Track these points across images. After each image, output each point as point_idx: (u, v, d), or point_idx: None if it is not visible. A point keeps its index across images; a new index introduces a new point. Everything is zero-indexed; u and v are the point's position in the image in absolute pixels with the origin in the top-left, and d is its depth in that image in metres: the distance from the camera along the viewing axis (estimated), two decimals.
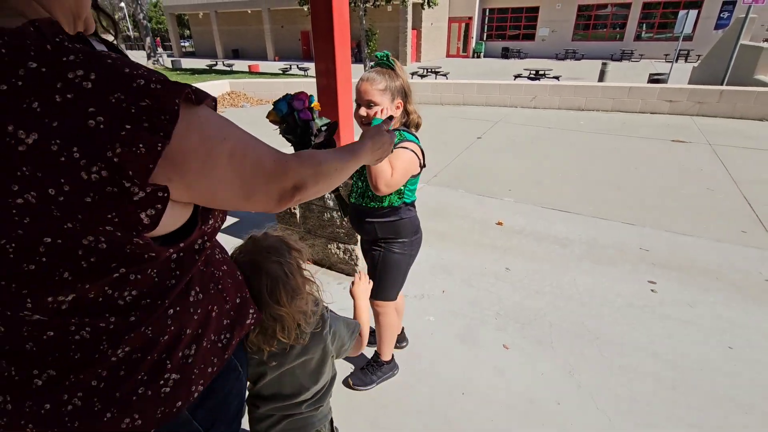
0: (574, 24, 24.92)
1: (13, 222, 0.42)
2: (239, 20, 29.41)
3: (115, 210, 0.44)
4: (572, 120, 7.30)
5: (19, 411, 0.55)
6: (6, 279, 0.45)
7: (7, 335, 0.52)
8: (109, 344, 0.55)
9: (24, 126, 0.40)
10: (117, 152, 0.42)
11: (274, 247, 0.97)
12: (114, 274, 0.49)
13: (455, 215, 3.60)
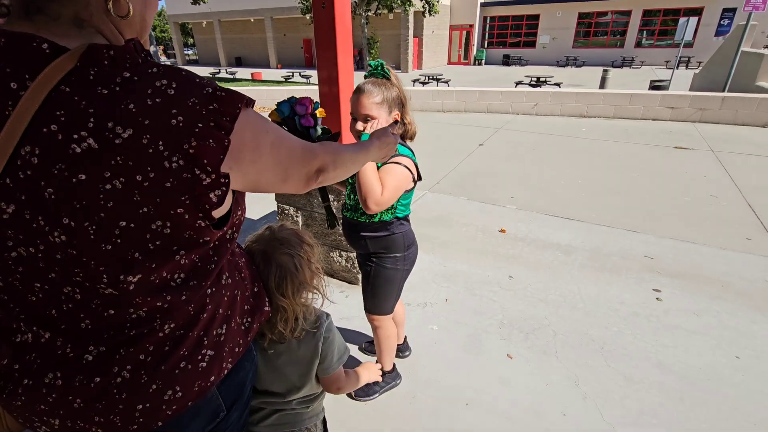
0: (575, 31, 25.05)
1: (98, 206, 0.50)
2: (242, 29, 29.69)
3: (188, 193, 0.54)
4: (574, 127, 7.31)
5: (68, 386, 0.60)
6: (87, 257, 0.53)
7: (69, 313, 0.58)
8: (161, 321, 0.62)
9: (122, 123, 0.49)
10: (192, 145, 0.52)
11: (287, 240, 1.00)
12: (175, 256, 0.58)
13: (458, 223, 3.59)
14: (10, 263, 0.55)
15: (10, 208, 0.50)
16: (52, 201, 0.49)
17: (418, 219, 3.63)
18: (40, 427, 0.65)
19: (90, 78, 0.50)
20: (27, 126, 0.48)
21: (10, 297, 0.58)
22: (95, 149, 0.48)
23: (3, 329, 0.61)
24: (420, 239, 3.21)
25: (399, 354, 2.02)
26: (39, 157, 0.48)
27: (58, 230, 0.51)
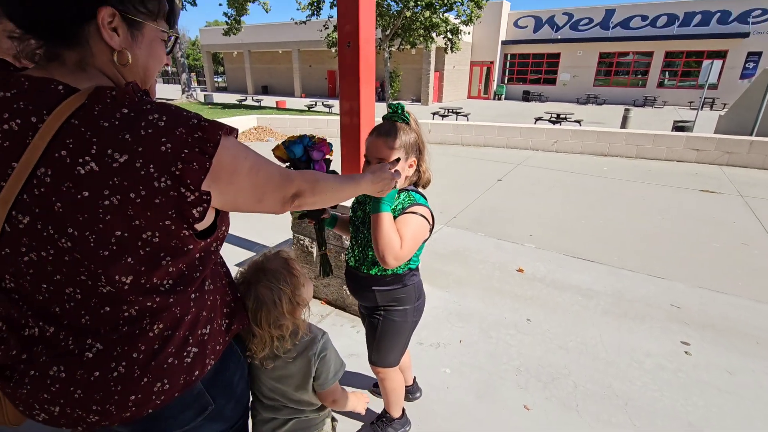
0: (596, 70, 25.29)
1: (97, 218, 0.60)
2: (270, 59, 31.04)
3: (174, 208, 0.63)
4: (595, 165, 7.23)
5: (70, 378, 0.69)
6: (88, 261, 0.63)
7: (71, 310, 0.67)
8: (150, 321, 0.70)
9: (119, 150, 0.58)
10: (179, 168, 0.61)
11: (274, 272, 1.03)
12: (162, 262, 0.67)
13: (474, 259, 3.51)
14: (22, 266, 0.64)
15: (25, 219, 0.60)
16: (60, 214, 0.59)
17: (433, 254, 3.58)
18: (39, 414, 0.72)
19: (95, 113, 0.60)
20: (42, 152, 0.58)
21: (20, 296, 0.67)
22: (96, 171, 0.58)
23: (13, 324, 0.69)
24: (434, 275, 3.17)
25: (409, 396, 1.93)
26: (51, 177, 0.59)
27: (65, 238, 0.61)
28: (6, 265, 0.64)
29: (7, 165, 0.59)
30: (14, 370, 0.70)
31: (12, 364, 0.70)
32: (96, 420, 0.72)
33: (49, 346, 0.68)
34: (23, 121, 0.59)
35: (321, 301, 2.75)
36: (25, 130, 0.59)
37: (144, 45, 0.71)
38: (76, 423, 0.72)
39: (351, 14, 2.28)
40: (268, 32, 27.88)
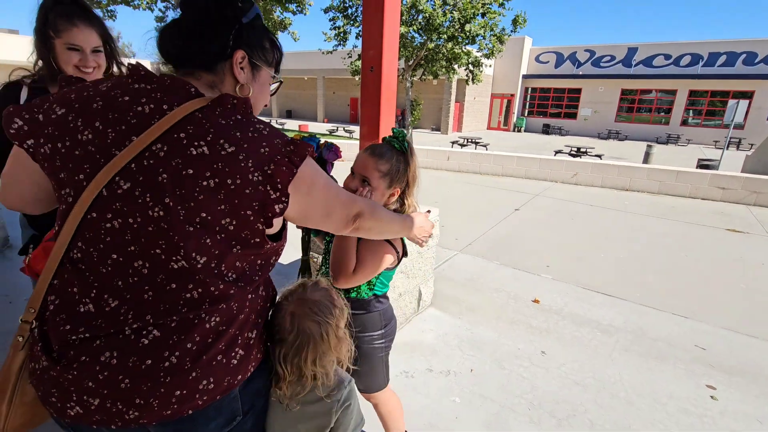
0: (618, 106, 25.26)
1: (192, 196, 0.66)
2: (296, 85, 32.12)
3: (258, 201, 0.70)
4: (616, 199, 7.11)
5: (121, 365, 0.68)
6: (173, 232, 0.67)
7: (134, 284, 0.69)
8: (208, 309, 0.72)
9: (229, 142, 0.68)
10: (271, 168, 0.70)
11: (319, 304, 0.95)
12: (233, 250, 0.72)
13: (489, 288, 3.45)
14: (101, 233, 0.68)
15: (126, 185, 0.67)
16: (162, 185, 0.66)
17: (446, 280, 3.53)
18: (72, 408, 0.69)
19: (216, 112, 0.71)
20: (164, 132, 0.67)
21: (87, 266, 0.70)
22: (206, 154, 0.67)
23: (69, 300, 0.70)
24: (447, 301, 3.11)
25: None
26: (165, 152, 0.67)
27: (159, 207, 0.67)
28: (86, 230, 0.69)
29: (127, 137, 0.67)
30: (65, 351, 0.70)
31: (62, 345, 0.69)
32: (134, 417, 0.69)
33: (108, 323, 0.68)
34: (155, 107, 0.69)
35: None
36: (154, 113, 0.69)
37: (258, 84, 0.85)
38: (111, 420, 0.69)
39: (375, 39, 2.37)
40: (295, 60, 28.98)
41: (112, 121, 0.68)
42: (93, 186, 0.67)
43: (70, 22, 1.36)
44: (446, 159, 9.40)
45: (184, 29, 0.76)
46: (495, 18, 13.30)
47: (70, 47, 1.37)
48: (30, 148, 0.72)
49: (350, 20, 14.66)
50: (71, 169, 0.69)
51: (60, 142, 0.69)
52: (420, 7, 12.21)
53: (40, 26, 1.36)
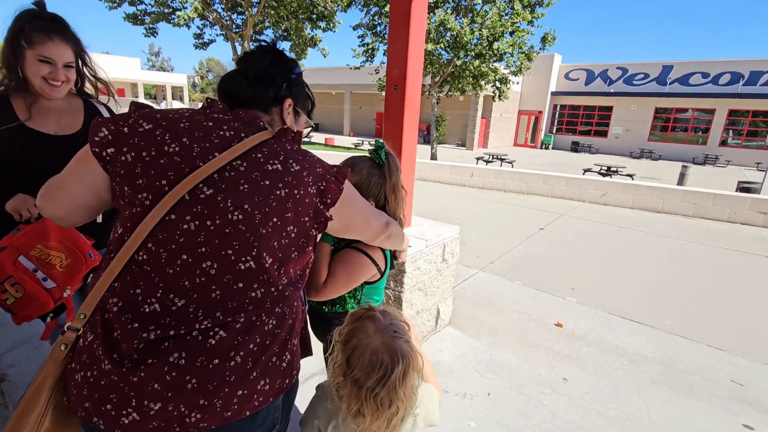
0: (651, 125, 24.52)
1: (267, 202, 0.79)
2: (323, 99, 32.85)
3: (313, 210, 0.86)
4: (647, 221, 6.85)
5: (190, 366, 0.72)
6: (249, 233, 0.77)
7: (201, 285, 0.74)
8: (267, 310, 0.80)
9: (296, 161, 0.84)
10: (323, 185, 0.87)
11: (396, 325, 0.93)
12: (292, 254, 0.84)
13: (509, 309, 3.36)
14: (177, 233, 0.75)
15: (209, 191, 0.76)
16: (242, 192, 0.77)
17: (466, 298, 3.47)
18: (128, 415, 0.69)
19: (283, 141, 0.88)
20: (243, 152, 0.80)
21: (152, 267, 0.74)
22: (279, 170, 0.82)
23: (134, 300, 0.73)
24: (466, 320, 3.05)
25: None
26: (245, 167, 0.79)
27: (238, 211, 0.77)
28: (159, 231, 0.74)
29: (211, 153, 0.78)
30: (131, 353, 0.71)
31: (129, 347, 0.71)
32: (194, 420, 0.71)
33: (177, 321, 0.72)
34: (234, 133, 0.83)
35: None
36: (234, 138, 0.82)
37: (298, 127, 1.02)
38: (168, 426, 0.70)
39: (400, 59, 2.40)
40: (324, 75, 29.72)
41: (197, 138, 0.79)
42: (177, 190, 0.74)
43: (47, 35, 1.38)
44: (470, 176, 9.33)
45: (249, 78, 0.92)
46: (523, 36, 13.26)
47: (42, 59, 1.38)
48: (108, 155, 0.77)
49: (378, 37, 14.94)
50: (152, 175, 0.75)
51: (144, 152, 0.76)
52: (448, 25, 12.32)
53: (12, 36, 1.37)
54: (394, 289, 2.42)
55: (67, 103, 1.55)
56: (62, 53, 1.42)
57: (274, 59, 0.94)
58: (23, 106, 1.45)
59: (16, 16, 1.37)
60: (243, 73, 0.93)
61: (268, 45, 0.96)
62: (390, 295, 2.44)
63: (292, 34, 17.45)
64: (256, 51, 0.95)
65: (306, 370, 2.22)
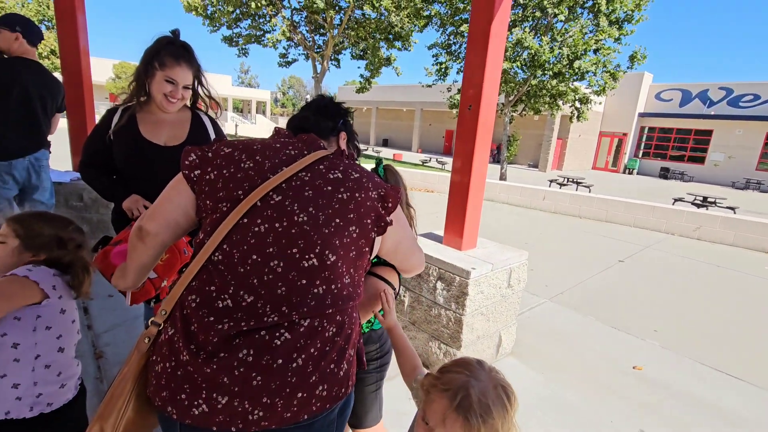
0: (761, 152, 21.60)
1: (330, 204, 0.87)
2: (394, 116, 33.61)
3: (374, 213, 0.92)
4: (752, 262, 5.98)
5: (256, 363, 0.77)
6: (313, 232, 0.84)
7: (268, 282, 0.81)
8: (330, 312, 0.85)
9: (354, 170, 0.94)
10: (382, 191, 0.94)
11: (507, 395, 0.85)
12: (351, 254, 0.89)
13: (579, 345, 3.11)
14: (248, 235, 0.83)
15: (278, 198, 0.86)
16: (307, 197, 0.86)
17: (531, 328, 3.27)
18: (199, 406, 0.75)
19: (340, 157, 0.97)
20: (307, 165, 0.90)
21: (225, 266, 0.82)
22: (340, 177, 0.91)
23: (206, 297, 0.80)
24: (530, 352, 2.88)
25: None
26: (309, 177, 0.89)
27: (304, 214, 0.84)
28: (234, 233, 0.83)
29: (279, 167, 0.89)
30: (206, 346, 0.77)
31: (205, 339, 0.77)
32: (257, 418, 0.75)
33: (247, 315, 0.78)
34: (298, 151, 0.94)
35: None
36: (298, 155, 0.93)
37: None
38: (233, 421, 0.74)
39: (476, 80, 2.38)
40: (396, 92, 30.44)
41: (268, 156, 0.91)
42: (251, 197, 0.84)
43: (176, 60, 1.61)
44: (542, 198, 8.89)
45: (312, 110, 1.13)
46: (609, 54, 12.49)
47: (167, 79, 1.62)
48: (195, 177, 0.90)
49: (452, 56, 15.00)
50: (231, 188, 0.86)
51: (225, 170, 0.88)
52: (526, 44, 12.00)
53: (148, 56, 1.61)
54: (455, 311, 2.36)
55: (177, 116, 1.77)
56: (184, 76, 1.64)
57: (331, 102, 1.16)
58: (144, 120, 1.70)
59: (155, 40, 1.62)
60: (307, 108, 1.14)
61: (323, 96, 1.19)
62: (450, 317, 2.38)
63: (369, 53, 18.18)
64: (316, 98, 1.18)
65: None
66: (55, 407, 1.18)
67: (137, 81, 1.66)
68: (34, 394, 1.14)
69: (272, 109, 58.54)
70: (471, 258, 2.46)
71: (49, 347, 1.16)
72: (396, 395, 1.93)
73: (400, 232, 1.00)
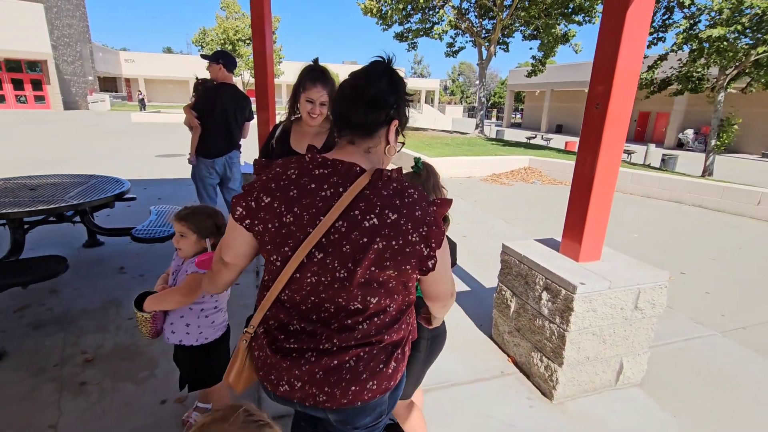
0: None
1: (366, 257, 0.90)
2: (571, 98, 30.16)
3: (417, 258, 0.94)
4: None
5: (318, 362, 0.97)
6: (352, 287, 0.92)
7: (324, 318, 0.97)
8: (375, 337, 0.98)
9: (391, 210, 0.90)
10: (424, 230, 0.91)
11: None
12: (395, 296, 0.99)
13: (744, 394, 2.47)
14: (304, 285, 0.95)
15: (320, 255, 0.92)
16: (345, 253, 0.91)
17: (676, 362, 2.75)
18: (283, 385, 1.00)
19: (379, 186, 0.92)
20: (342, 211, 0.90)
21: (291, 305, 1.00)
22: (376, 224, 0.89)
23: (282, 323, 1.01)
24: (665, 389, 2.52)
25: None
26: (346, 227, 0.90)
27: (343, 270, 0.91)
28: (292, 284, 0.96)
29: (317, 218, 0.91)
30: (282, 349, 1.00)
31: (284, 346, 1.00)
32: (323, 399, 0.97)
33: (309, 337, 0.98)
34: (334, 191, 0.92)
35: (508, 358, 2.66)
36: (334, 196, 0.91)
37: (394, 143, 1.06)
38: (306, 399, 0.98)
39: (606, 74, 2.14)
40: (574, 71, 27.19)
41: (305, 205, 0.92)
42: (297, 255, 0.92)
43: (312, 83, 1.96)
44: (755, 203, 6.86)
45: (365, 102, 0.93)
46: None
47: (308, 99, 1.96)
48: (247, 225, 0.97)
49: (652, 27, 12.52)
50: (278, 243, 0.94)
51: (270, 224, 0.94)
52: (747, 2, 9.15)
53: (297, 82, 2.00)
54: (559, 325, 2.22)
55: (318, 129, 2.13)
56: (320, 95, 1.99)
57: (390, 81, 0.95)
58: (295, 132, 2.14)
59: (301, 70, 2.03)
60: (360, 97, 0.94)
61: (383, 64, 0.96)
62: (554, 330, 2.26)
63: (541, 32, 16.76)
64: (371, 72, 0.95)
65: None
66: (210, 340, 1.73)
67: (291, 103, 2.10)
68: (198, 331, 1.69)
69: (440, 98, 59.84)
70: (585, 271, 2.25)
71: (209, 306, 1.71)
72: None
73: (444, 257, 0.98)
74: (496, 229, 5.53)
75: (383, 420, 1.13)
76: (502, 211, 6.50)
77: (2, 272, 2.66)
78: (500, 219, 6.06)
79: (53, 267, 2.68)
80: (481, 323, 3.09)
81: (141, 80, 41.54)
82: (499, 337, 2.80)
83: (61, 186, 3.64)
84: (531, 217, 6.30)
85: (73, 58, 30.31)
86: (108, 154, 10.27)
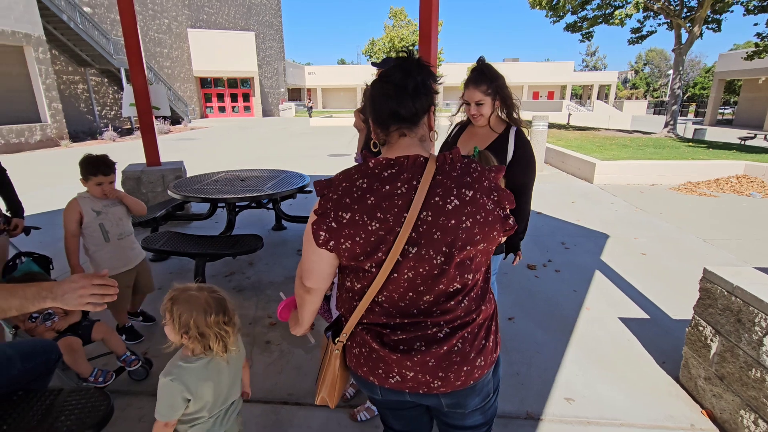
0: None
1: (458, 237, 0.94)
2: None
3: (499, 222, 0.97)
4: None
5: (428, 351, 1.00)
6: (451, 269, 0.96)
7: (424, 309, 1.00)
8: (474, 312, 1.02)
9: (466, 188, 0.94)
10: (495, 195, 0.97)
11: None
12: (486, 261, 1.04)
13: None
14: (401, 283, 0.97)
15: (413, 250, 0.95)
16: (437, 239, 0.93)
17: None
18: (393, 377, 1.02)
19: (446, 169, 0.96)
20: (423, 201, 0.93)
21: (389, 304, 1.01)
22: (458, 205, 0.92)
23: (382, 321, 1.02)
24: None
25: None
26: (431, 215, 0.93)
27: (440, 256, 0.95)
28: (390, 284, 0.98)
29: (401, 215, 0.92)
30: (391, 343, 1.02)
31: (390, 340, 1.02)
32: (438, 385, 1.01)
33: (414, 328, 1.01)
34: (409, 186, 0.93)
35: (702, 410, 2.13)
36: (410, 190, 0.93)
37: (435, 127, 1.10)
38: (419, 387, 1.02)
39: None
40: None
41: (386, 208, 0.92)
42: (392, 256, 0.93)
43: (467, 85, 1.98)
44: None
45: (410, 92, 0.96)
46: None
47: (466, 102, 2.00)
48: (331, 248, 0.97)
49: None
50: (370, 252, 0.95)
51: (357, 237, 0.94)
52: None
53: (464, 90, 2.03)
54: None
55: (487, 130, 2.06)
56: (472, 96, 1.98)
57: (419, 68, 0.96)
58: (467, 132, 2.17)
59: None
60: (404, 90, 0.95)
61: (407, 57, 0.98)
62: None
63: None
64: (403, 66, 0.96)
65: None
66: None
67: (461, 103, 2.11)
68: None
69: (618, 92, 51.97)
70: None
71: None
72: None
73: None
74: (689, 250, 4.50)
75: (491, 402, 1.15)
76: (700, 228, 5.24)
77: (223, 244, 3.40)
78: (697, 237, 4.90)
79: (254, 243, 3.31)
80: (663, 360, 2.55)
81: (319, 89, 48.48)
82: (690, 382, 2.26)
83: (261, 179, 4.45)
84: (743, 237, 4.92)
85: (271, 74, 37.90)
86: (292, 154, 12.19)
